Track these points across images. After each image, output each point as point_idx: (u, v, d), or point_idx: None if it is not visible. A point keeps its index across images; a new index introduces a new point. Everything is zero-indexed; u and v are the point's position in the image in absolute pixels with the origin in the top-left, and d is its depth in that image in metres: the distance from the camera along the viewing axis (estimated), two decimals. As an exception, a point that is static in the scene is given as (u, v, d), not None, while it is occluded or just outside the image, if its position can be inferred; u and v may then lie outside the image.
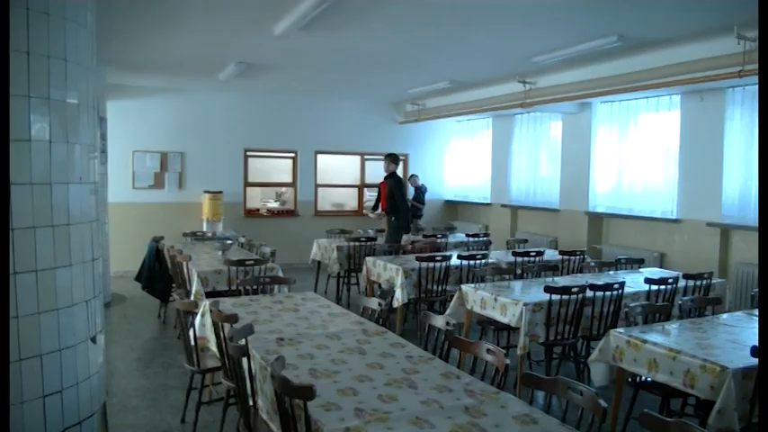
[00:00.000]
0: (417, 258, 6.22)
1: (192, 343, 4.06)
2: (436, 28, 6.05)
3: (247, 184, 11.29)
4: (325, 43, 6.75)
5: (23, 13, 2.33)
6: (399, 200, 8.20)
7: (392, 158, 8.51)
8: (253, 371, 3.06)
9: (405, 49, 7.04)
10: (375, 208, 11.21)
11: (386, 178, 8.52)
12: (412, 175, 11.57)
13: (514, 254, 6.82)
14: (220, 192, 10.44)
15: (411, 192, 11.57)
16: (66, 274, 2.44)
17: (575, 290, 4.56)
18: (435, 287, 6.24)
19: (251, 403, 3.08)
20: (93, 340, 2.62)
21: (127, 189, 10.07)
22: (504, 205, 10.78)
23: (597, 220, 8.75)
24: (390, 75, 8.87)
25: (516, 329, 4.63)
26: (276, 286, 5.23)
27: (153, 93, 10.36)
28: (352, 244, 7.84)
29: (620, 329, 3.84)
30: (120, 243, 9.22)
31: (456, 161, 12.48)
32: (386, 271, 6.48)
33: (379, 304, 3.93)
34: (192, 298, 5.47)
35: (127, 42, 6.94)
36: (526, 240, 8.58)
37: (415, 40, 6.56)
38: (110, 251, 8.56)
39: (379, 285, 6.77)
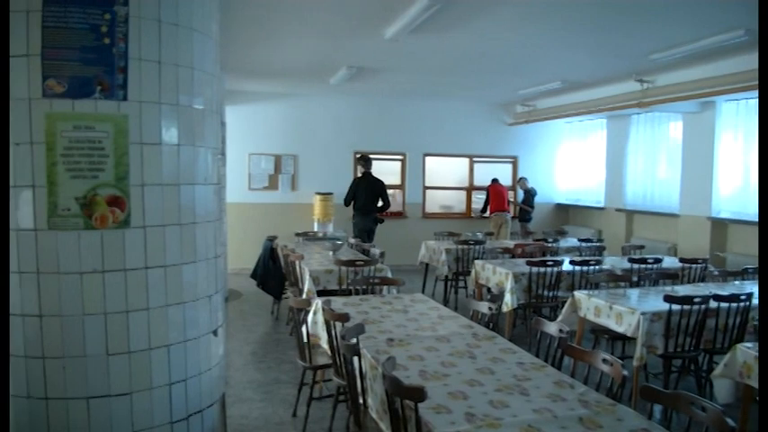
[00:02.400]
0: (528, 263, 6.09)
1: (305, 340, 4.17)
2: (547, 27, 5.91)
3: (354, 185, 11.50)
4: (435, 46, 6.76)
5: (156, 24, 2.48)
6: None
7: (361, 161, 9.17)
8: (363, 370, 3.10)
9: (515, 49, 6.93)
10: (484, 210, 11.13)
11: (359, 179, 9.07)
12: (521, 178, 11.36)
13: (630, 260, 6.52)
14: (331, 193, 10.67)
15: (521, 195, 11.37)
16: (191, 270, 2.59)
17: (697, 300, 4.30)
18: (546, 293, 6.08)
19: (361, 401, 3.13)
20: (215, 333, 2.75)
21: (243, 190, 10.52)
22: (618, 209, 10.35)
23: (721, 227, 8.20)
24: (500, 76, 8.75)
25: (632, 339, 4.43)
26: (385, 287, 5.28)
27: (268, 98, 10.76)
28: (460, 247, 7.79)
29: (748, 344, 3.58)
30: (236, 241, 9.65)
31: (567, 163, 12.11)
32: (495, 275, 6.39)
33: (490, 308, 3.88)
34: (304, 296, 5.63)
35: (245, 50, 7.26)
36: (643, 246, 8.19)
37: (526, 40, 6.43)
38: (227, 249, 8.97)
39: (488, 289, 6.69)
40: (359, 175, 9.26)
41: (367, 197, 8.83)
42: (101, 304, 2.37)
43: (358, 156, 9.61)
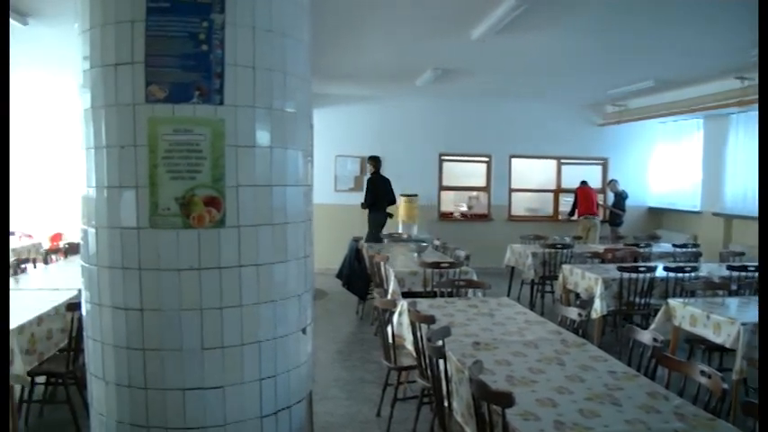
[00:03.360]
0: (619, 268, 5.89)
1: (390, 340, 4.20)
2: (640, 23, 5.70)
3: (442, 187, 11.47)
4: (522, 45, 6.66)
5: (250, 31, 2.55)
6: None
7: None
8: (449, 372, 3.09)
9: (605, 47, 6.73)
10: (572, 213, 10.84)
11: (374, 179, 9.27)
12: (611, 180, 11.00)
13: (729, 267, 6.19)
14: (416, 195, 10.70)
15: (611, 198, 11.01)
16: (282, 270, 2.66)
17: (805, 310, 4.03)
18: (638, 300, 5.86)
19: (446, 404, 3.12)
20: (304, 332, 2.81)
21: (329, 191, 10.72)
22: (716, 213, 9.84)
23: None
24: (589, 75, 8.52)
25: (731, 351, 4.20)
26: (470, 290, 5.24)
27: (354, 100, 10.92)
28: (547, 250, 7.63)
29: None
30: (322, 242, 9.81)
31: (661, 165, 11.62)
32: (584, 280, 6.22)
33: (579, 314, 3.78)
34: (389, 297, 5.67)
35: (332, 54, 7.39)
36: (743, 253, 7.74)
37: (617, 38, 6.24)
38: (314, 249, 9.14)
39: (577, 295, 6.52)
40: (368, 174, 9.51)
41: (383, 194, 9.16)
42: (197, 300, 2.47)
43: (368, 156, 9.75)
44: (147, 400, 2.53)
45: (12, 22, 5.92)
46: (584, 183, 10.63)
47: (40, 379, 4.45)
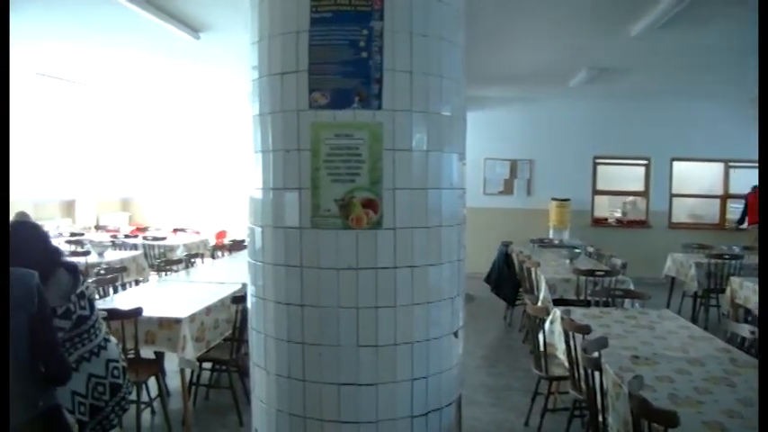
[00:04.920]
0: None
1: (541, 349, 4.10)
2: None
3: (595, 192, 11.01)
4: (687, 41, 6.24)
5: (408, 36, 2.60)
6: None
7: None
8: (604, 386, 2.96)
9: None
10: (741, 222, 9.98)
11: None
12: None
13: None
14: (568, 199, 10.37)
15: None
16: (436, 272, 2.67)
17: None
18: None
19: (600, 419, 2.99)
20: (456, 335, 2.81)
21: (478, 194, 10.65)
22: None
23: None
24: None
25: None
26: (627, 300, 4.99)
27: (504, 102, 10.78)
28: (713, 261, 7.07)
29: None
30: (470, 245, 9.74)
31: None
32: (756, 295, 5.70)
33: (752, 332, 3.47)
34: (539, 303, 5.54)
35: (483, 57, 7.34)
36: None
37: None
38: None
39: (747, 310, 5.99)
40: None
41: None
42: (354, 299, 2.54)
43: None
44: (305, 392, 2.65)
45: (185, 36, 6.46)
46: (756, 188, 9.73)
47: (207, 365, 4.81)
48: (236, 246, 8.24)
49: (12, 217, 6.82)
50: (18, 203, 9.77)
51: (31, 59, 8.31)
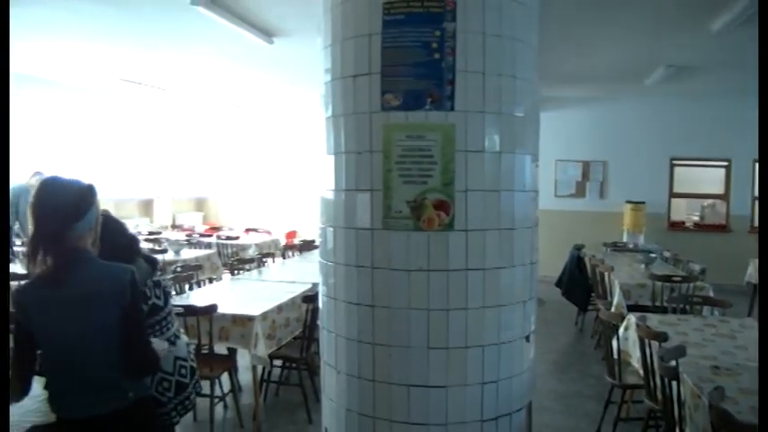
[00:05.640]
0: None
1: (615, 356, 3.99)
2: None
3: (672, 194, 10.62)
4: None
5: (480, 37, 2.57)
6: None
7: None
8: (682, 396, 2.86)
9: None
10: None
11: None
12: None
13: None
14: (643, 202, 10.05)
15: None
16: (508, 275, 2.64)
17: None
18: None
19: (677, 430, 2.88)
20: (528, 339, 2.77)
21: (549, 197, 10.45)
22: None
23: None
24: None
25: None
26: (706, 308, 4.80)
27: (576, 103, 10.54)
28: (800, 267, 6.70)
29: None
30: (541, 248, 9.59)
31: None
32: None
33: None
34: (613, 309, 5.39)
35: (554, 56, 7.20)
36: None
37: None
38: (534, 255, 9.01)
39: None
40: None
41: None
42: (425, 300, 2.54)
43: None
44: (375, 392, 2.67)
45: (258, 41, 6.62)
46: None
47: (277, 362, 4.90)
48: (307, 246, 8.37)
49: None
50: (101, 204, 10.21)
51: (115, 66, 8.69)
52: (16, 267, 5.70)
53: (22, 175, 8.25)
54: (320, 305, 2.99)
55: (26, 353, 2.21)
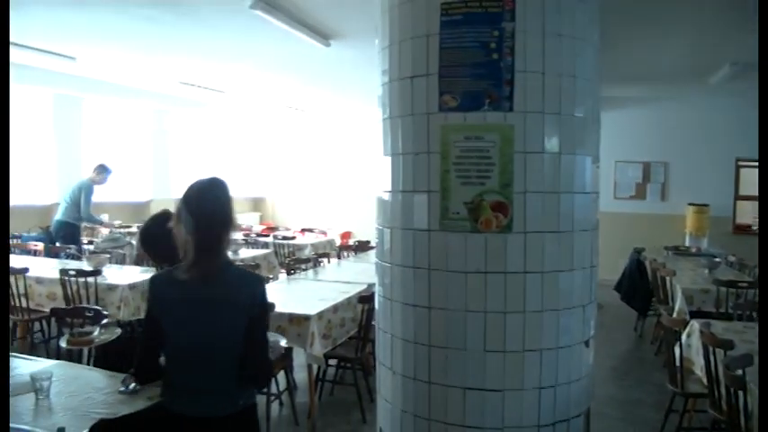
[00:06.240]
0: None
1: (677, 363, 3.87)
2: None
3: (738, 197, 10.24)
4: None
5: (540, 36, 2.54)
6: None
7: None
8: (749, 407, 2.76)
9: None
10: None
11: None
12: None
13: None
14: (707, 205, 9.72)
15: None
16: (567, 278, 2.59)
17: None
18: None
19: (745, 441, 2.78)
20: (587, 344, 2.72)
21: (608, 199, 10.22)
22: None
23: None
24: None
25: None
26: (775, 315, 4.61)
27: (636, 102, 10.28)
28: None
29: None
30: (600, 251, 9.42)
31: None
32: None
33: None
34: (674, 315, 5.24)
35: (614, 55, 7.04)
36: None
37: None
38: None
39: None
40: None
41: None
42: (482, 303, 2.52)
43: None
44: (430, 394, 2.66)
45: (315, 44, 6.69)
46: None
47: (332, 362, 4.94)
48: (362, 246, 8.41)
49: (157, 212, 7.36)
50: (163, 203, 10.54)
51: (177, 70, 8.94)
52: (83, 264, 5.91)
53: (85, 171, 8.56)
54: (376, 306, 3.00)
55: (153, 340, 2.29)
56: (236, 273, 2.34)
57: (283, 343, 3.28)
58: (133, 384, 2.61)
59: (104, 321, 3.56)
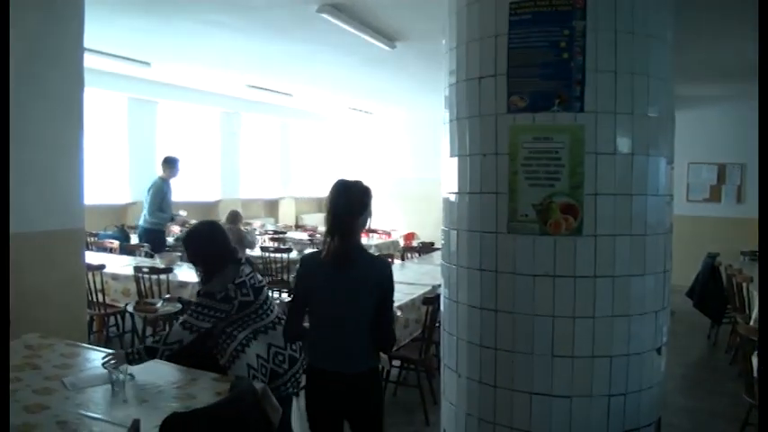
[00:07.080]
0: None
1: (755, 374, 3.71)
2: None
3: (820, 200, 9.73)
4: None
5: (611, 35, 2.48)
6: None
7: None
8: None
9: None
10: None
11: None
12: None
13: None
14: (786, 208, 9.27)
15: None
16: (639, 283, 2.53)
17: None
18: None
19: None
20: (659, 351, 2.64)
21: (680, 201, 9.86)
22: None
23: None
24: None
25: None
26: None
27: (711, 102, 9.89)
28: None
29: None
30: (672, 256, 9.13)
31: None
32: None
33: None
34: (752, 323, 5.02)
35: (686, 53, 6.80)
36: None
37: None
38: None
39: None
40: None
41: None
42: (550, 307, 2.48)
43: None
44: (496, 398, 2.64)
45: (381, 46, 6.72)
46: None
47: (396, 362, 4.94)
48: (426, 248, 8.39)
49: (226, 214, 7.52)
50: (231, 203, 10.81)
51: (246, 73, 9.15)
52: (156, 262, 6.11)
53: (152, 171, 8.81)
54: (442, 307, 2.99)
55: (299, 309, 2.73)
56: (369, 257, 2.72)
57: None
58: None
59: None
